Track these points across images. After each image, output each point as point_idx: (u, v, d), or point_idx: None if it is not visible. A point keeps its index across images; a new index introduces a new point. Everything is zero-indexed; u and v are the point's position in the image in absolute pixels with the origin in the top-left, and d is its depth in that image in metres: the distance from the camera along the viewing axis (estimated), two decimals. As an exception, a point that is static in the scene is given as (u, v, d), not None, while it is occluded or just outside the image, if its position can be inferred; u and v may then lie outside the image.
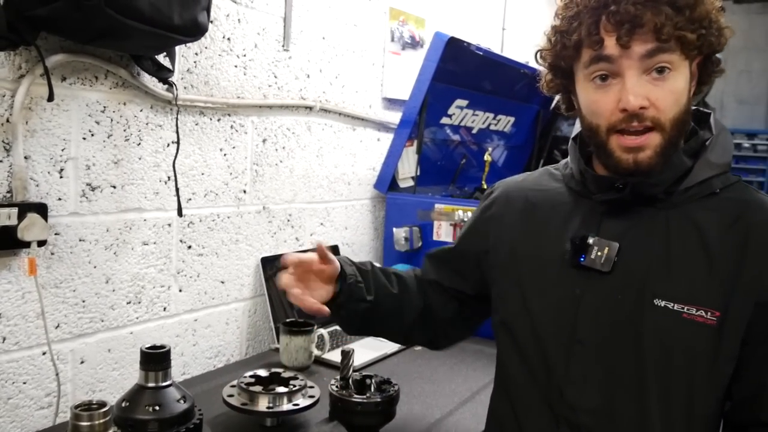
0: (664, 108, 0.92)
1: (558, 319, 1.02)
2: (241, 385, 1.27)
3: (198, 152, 1.56)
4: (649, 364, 0.95)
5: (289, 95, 1.82)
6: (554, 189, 1.12)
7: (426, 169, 2.34)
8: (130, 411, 1.07)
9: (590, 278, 0.99)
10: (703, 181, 0.97)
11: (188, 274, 1.57)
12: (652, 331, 0.94)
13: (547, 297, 1.05)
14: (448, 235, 2.03)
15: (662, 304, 0.94)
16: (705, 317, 0.92)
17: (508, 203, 1.16)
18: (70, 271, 1.31)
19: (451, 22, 2.57)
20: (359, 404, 1.19)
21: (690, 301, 0.93)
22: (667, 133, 0.93)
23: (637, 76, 0.92)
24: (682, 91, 0.94)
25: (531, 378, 1.05)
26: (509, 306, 1.11)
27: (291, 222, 1.88)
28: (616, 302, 0.97)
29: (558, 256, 1.04)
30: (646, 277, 0.96)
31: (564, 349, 1.01)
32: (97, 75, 1.32)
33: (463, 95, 2.38)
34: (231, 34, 1.61)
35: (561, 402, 1.00)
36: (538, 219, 1.11)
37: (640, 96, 0.91)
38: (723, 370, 0.93)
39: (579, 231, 1.02)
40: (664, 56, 0.91)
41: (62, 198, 1.28)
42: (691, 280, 0.94)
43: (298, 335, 1.58)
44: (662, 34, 0.89)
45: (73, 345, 1.33)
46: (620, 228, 0.99)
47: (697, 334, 0.92)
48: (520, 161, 3.07)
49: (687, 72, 0.94)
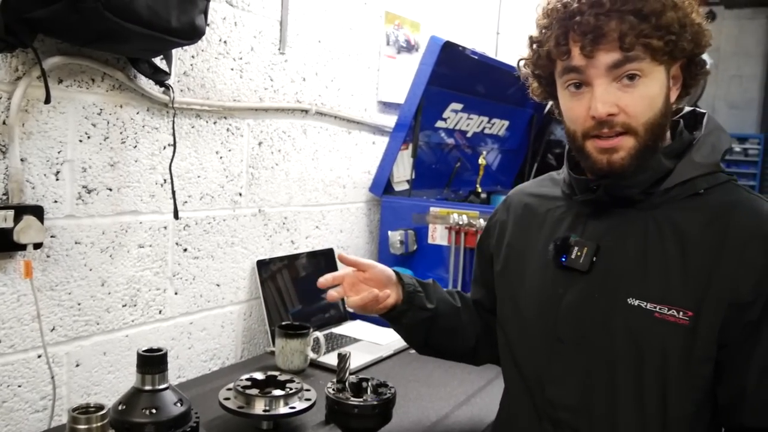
0: (635, 113, 0.94)
1: (542, 318, 1.05)
2: (237, 388, 1.27)
3: (194, 155, 1.56)
4: (622, 363, 0.96)
5: (285, 98, 1.82)
6: (551, 193, 1.15)
7: (421, 172, 2.34)
8: (126, 414, 1.06)
9: (572, 278, 1.02)
10: (686, 181, 0.97)
11: (184, 277, 1.57)
12: (625, 330, 0.96)
13: (534, 297, 1.08)
14: (443, 239, 2.04)
15: (636, 303, 0.95)
16: (677, 317, 0.92)
17: (510, 209, 1.21)
18: (66, 274, 1.31)
19: (446, 26, 2.58)
20: (356, 407, 1.19)
21: (662, 301, 0.93)
22: (641, 137, 0.94)
23: (606, 84, 0.93)
24: (656, 95, 0.94)
25: (520, 376, 1.10)
26: (504, 307, 1.16)
27: (286, 225, 1.88)
28: (593, 301, 1.00)
29: (545, 257, 1.07)
30: (621, 277, 0.98)
31: (546, 348, 1.04)
32: (94, 77, 1.32)
33: (457, 99, 2.39)
34: (227, 37, 1.61)
35: (543, 399, 1.04)
36: (532, 223, 1.14)
37: (608, 104, 0.93)
38: (699, 372, 0.93)
39: (564, 232, 1.06)
40: (632, 65, 0.92)
41: (58, 200, 1.28)
42: (666, 280, 0.94)
43: (293, 338, 1.58)
44: (625, 44, 0.90)
45: (68, 348, 1.33)
46: (602, 229, 1.02)
47: (669, 334, 0.93)
48: (514, 165, 3.08)
49: (663, 76, 0.95)
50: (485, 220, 1.93)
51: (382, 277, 1.18)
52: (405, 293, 1.17)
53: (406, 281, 1.19)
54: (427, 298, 1.19)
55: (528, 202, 1.18)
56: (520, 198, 1.21)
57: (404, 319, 1.18)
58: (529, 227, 1.14)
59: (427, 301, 1.19)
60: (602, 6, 0.91)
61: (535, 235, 1.12)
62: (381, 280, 1.18)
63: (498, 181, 3.01)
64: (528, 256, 1.12)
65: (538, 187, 1.20)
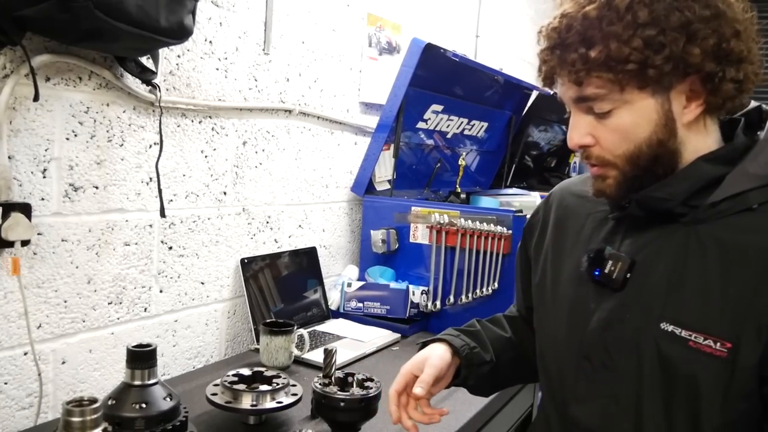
0: (609, 147, 0.89)
1: (572, 334, 0.99)
2: (224, 383, 1.28)
3: (179, 154, 1.57)
4: (650, 392, 0.89)
5: (269, 98, 1.84)
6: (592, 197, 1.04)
7: (401, 172, 2.37)
8: (116, 408, 1.07)
9: (604, 294, 0.95)
10: (738, 194, 0.86)
11: (169, 275, 1.58)
12: (654, 356, 0.88)
13: (564, 310, 1.02)
14: (424, 238, 2.07)
15: (669, 329, 0.87)
16: (713, 347, 0.83)
17: (552, 209, 1.14)
18: (53, 272, 1.32)
19: (427, 28, 2.62)
20: (343, 401, 1.21)
21: (699, 329, 0.84)
22: (620, 169, 0.90)
23: (580, 114, 0.90)
24: (634, 126, 0.86)
25: (549, 389, 1.06)
26: (538, 315, 1.11)
27: (270, 224, 1.89)
28: (623, 321, 0.92)
29: (580, 269, 1.00)
30: (656, 298, 0.89)
31: (574, 365, 0.98)
32: (81, 76, 1.33)
33: (438, 100, 2.43)
34: (213, 37, 1.62)
35: (567, 416, 1.00)
36: (570, 226, 1.07)
37: (580, 134, 0.90)
38: (738, 408, 0.83)
39: (600, 243, 0.98)
40: (595, 102, 0.87)
41: (45, 198, 1.29)
42: (704, 306, 0.85)
43: (278, 335, 1.59)
44: (575, 79, 0.86)
45: (54, 345, 1.33)
46: (639, 243, 0.94)
47: (703, 366, 0.84)
48: (493, 166, 3.13)
49: (647, 104, 0.86)
50: (466, 219, 1.97)
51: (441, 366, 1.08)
52: (462, 358, 1.10)
53: (457, 346, 1.09)
54: (483, 348, 1.12)
55: (569, 204, 1.10)
56: (562, 196, 1.13)
57: (470, 381, 1.12)
58: (567, 231, 1.07)
59: (484, 353, 1.12)
60: (551, 38, 0.87)
61: (572, 240, 1.05)
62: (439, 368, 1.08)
63: (477, 182, 3.05)
64: (563, 263, 1.05)
65: (583, 186, 1.08)
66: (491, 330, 1.19)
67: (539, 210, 1.17)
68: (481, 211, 2.01)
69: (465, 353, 1.10)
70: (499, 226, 1.93)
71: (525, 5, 3.63)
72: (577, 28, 0.84)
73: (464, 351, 1.10)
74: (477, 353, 1.12)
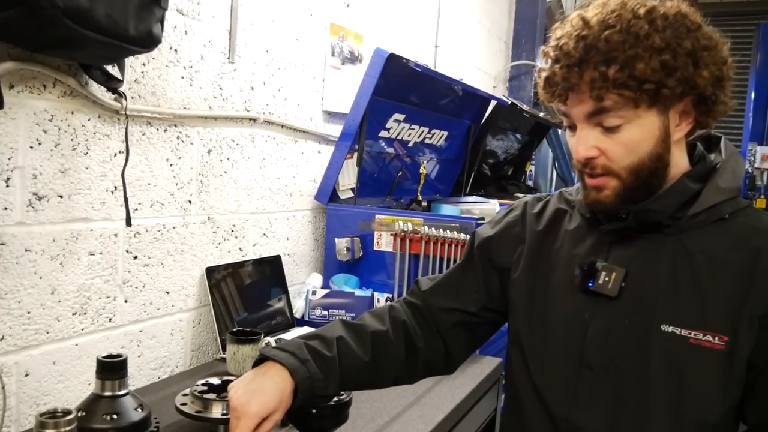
0: (615, 158, 0.95)
1: (567, 344, 1.04)
2: (194, 393, 1.28)
3: (144, 162, 1.56)
4: (657, 390, 0.96)
5: (234, 107, 1.84)
6: (567, 213, 1.13)
7: (364, 181, 2.39)
8: (87, 420, 1.06)
9: (599, 303, 1.01)
10: (712, 206, 0.97)
11: (134, 285, 1.56)
12: (659, 357, 0.95)
13: (556, 321, 1.06)
14: (388, 245, 2.09)
15: (669, 330, 0.95)
16: (713, 342, 0.92)
17: (529, 222, 1.17)
18: (16, 282, 1.29)
19: (388, 38, 2.65)
20: (314, 407, 1.22)
21: (697, 326, 0.93)
22: (623, 180, 0.96)
23: (588, 129, 0.96)
24: (640, 140, 0.94)
25: (540, 400, 1.06)
26: (522, 327, 1.12)
27: (235, 233, 1.89)
28: (623, 327, 0.98)
29: (568, 281, 1.06)
30: (653, 303, 0.97)
31: (572, 374, 1.02)
32: (46, 83, 1.31)
33: (400, 110, 2.46)
34: (178, 45, 1.62)
35: (567, 425, 1.02)
36: (551, 241, 1.12)
37: (587, 147, 0.96)
38: (735, 394, 0.94)
39: (588, 256, 1.04)
40: (607, 117, 0.93)
41: (8, 207, 1.26)
42: (698, 305, 0.94)
43: (245, 344, 1.59)
44: (595, 95, 0.91)
45: (17, 357, 1.31)
46: (628, 254, 1.01)
47: (705, 360, 0.93)
48: (452, 174, 3.18)
49: (651, 121, 0.94)
50: (429, 227, 2.00)
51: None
52: (300, 392, 1.01)
53: (298, 379, 0.99)
54: (329, 379, 1.04)
55: (544, 219, 1.15)
56: (534, 213, 1.17)
57: (308, 408, 1.08)
58: (545, 247, 1.12)
59: (329, 384, 1.04)
60: (571, 57, 0.92)
61: (553, 257, 1.10)
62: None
63: (437, 190, 3.09)
64: (548, 278, 1.10)
65: (556, 203, 1.16)
66: (350, 353, 1.08)
67: (515, 224, 1.18)
68: (444, 219, 2.05)
69: (305, 386, 1.00)
70: (462, 233, 1.97)
71: (482, 16, 3.70)
72: (601, 49, 0.90)
73: (305, 384, 1.00)
74: (320, 386, 1.02)
